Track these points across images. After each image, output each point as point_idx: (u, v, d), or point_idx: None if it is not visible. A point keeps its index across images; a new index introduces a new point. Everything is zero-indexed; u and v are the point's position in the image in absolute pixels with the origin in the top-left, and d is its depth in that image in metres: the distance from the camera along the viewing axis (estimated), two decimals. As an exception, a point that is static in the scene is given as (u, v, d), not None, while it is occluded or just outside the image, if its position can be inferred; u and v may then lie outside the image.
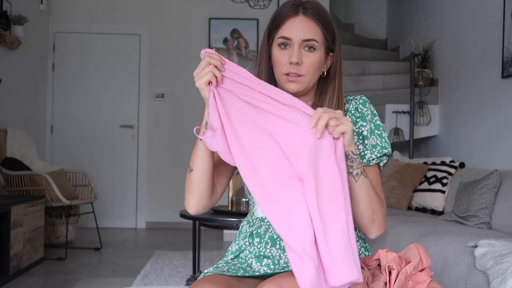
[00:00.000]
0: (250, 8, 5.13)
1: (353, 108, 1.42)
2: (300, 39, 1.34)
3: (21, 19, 4.76)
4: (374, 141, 1.40)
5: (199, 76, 1.24)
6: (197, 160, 1.32)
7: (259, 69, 1.44)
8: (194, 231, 3.59)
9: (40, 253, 4.10)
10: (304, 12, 1.35)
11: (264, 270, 1.36)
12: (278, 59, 1.36)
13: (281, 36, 1.35)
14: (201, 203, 1.37)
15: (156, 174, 6.03)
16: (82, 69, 6.03)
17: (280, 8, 1.38)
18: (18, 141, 4.59)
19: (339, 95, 1.40)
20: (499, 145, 3.84)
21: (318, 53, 1.35)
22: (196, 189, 1.35)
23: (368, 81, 5.65)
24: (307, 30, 1.34)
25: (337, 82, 1.40)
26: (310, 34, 1.34)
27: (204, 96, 1.26)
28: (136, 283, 3.53)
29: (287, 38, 1.34)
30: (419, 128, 4.93)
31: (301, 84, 1.36)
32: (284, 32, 1.35)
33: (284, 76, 1.36)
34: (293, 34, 1.34)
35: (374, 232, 1.32)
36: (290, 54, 1.34)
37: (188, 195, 1.37)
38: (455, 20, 4.67)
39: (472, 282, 2.32)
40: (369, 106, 1.42)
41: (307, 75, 1.35)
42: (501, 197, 3.20)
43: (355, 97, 1.44)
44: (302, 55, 1.34)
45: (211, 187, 1.36)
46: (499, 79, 3.84)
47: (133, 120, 6.06)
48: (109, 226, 5.92)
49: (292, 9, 1.36)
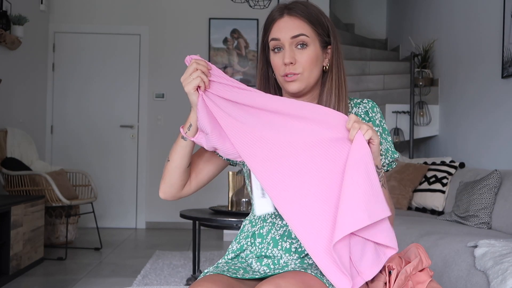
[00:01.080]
0: (250, 8, 5.14)
1: (363, 112, 1.42)
2: (288, 37, 1.36)
3: (21, 19, 4.76)
4: (385, 146, 1.41)
5: (187, 81, 1.29)
6: (175, 155, 1.39)
7: (257, 76, 1.49)
8: (194, 231, 3.58)
9: (40, 253, 4.10)
10: (289, 13, 1.38)
11: (263, 270, 1.36)
12: (274, 63, 1.40)
13: (272, 38, 1.39)
14: (171, 191, 1.44)
15: (156, 174, 6.03)
16: (82, 69, 6.03)
17: (268, 15, 1.43)
18: (18, 141, 4.59)
19: (338, 86, 1.40)
20: (499, 145, 3.84)
21: (312, 47, 1.37)
22: (167, 178, 1.42)
23: (368, 81, 5.65)
24: (293, 27, 1.36)
25: (334, 74, 1.40)
26: (297, 30, 1.36)
27: (192, 101, 1.31)
28: (136, 283, 3.53)
29: (276, 39, 1.38)
30: (419, 128, 4.93)
31: (300, 82, 1.37)
32: (273, 34, 1.39)
33: (283, 78, 1.38)
34: (280, 34, 1.37)
35: None
36: (283, 55, 1.37)
37: (161, 181, 1.45)
38: (455, 20, 4.67)
39: (472, 282, 2.32)
40: (378, 110, 1.44)
41: (305, 71, 1.36)
42: (501, 197, 3.20)
43: (363, 100, 1.44)
44: (295, 54, 1.36)
45: (182, 181, 1.43)
46: (499, 79, 3.84)
47: (133, 120, 6.07)
48: (109, 226, 5.92)
49: (277, 13, 1.40)
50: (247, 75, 6.06)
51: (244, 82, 6.03)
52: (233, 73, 6.06)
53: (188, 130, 1.35)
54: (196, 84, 1.28)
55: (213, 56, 6.07)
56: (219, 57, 6.07)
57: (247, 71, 6.06)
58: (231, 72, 6.06)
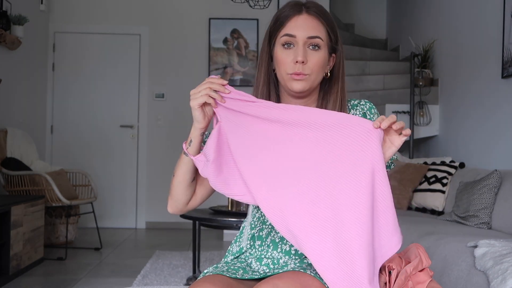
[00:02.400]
0: (250, 8, 5.14)
1: (360, 114, 1.42)
2: (305, 36, 1.33)
3: (21, 19, 4.76)
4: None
5: (194, 96, 1.27)
6: (179, 170, 1.38)
7: (258, 71, 1.43)
8: (194, 231, 3.59)
9: (40, 253, 4.09)
10: (308, 11, 1.35)
11: (263, 269, 1.36)
12: (281, 59, 1.35)
13: (286, 34, 1.34)
14: (177, 206, 1.43)
15: (156, 174, 6.03)
16: (82, 69, 6.03)
17: (282, 9, 1.38)
18: (18, 141, 4.59)
19: (342, 97, 1.39)
20: (499, 145, 3.84)
21: (323, 52, 1.35)
22: (173, 193, 1.41)
23: (368, 81, 5.65)
24: (311, 27, 1.34)
25: (340, 83, 1.40)
26: (314, 31, 1.33)
27: (194, 116, 1.30)
28: (136, 283, 3.53)
29: (291, 35, 1.34)
30: (419, 128, 4.93)
31: (306, 83, 1.35)
32: (288, 30, 1.34)
33: (289, 75, 1.34)
34: (297, 31, 1.33)
35: None
36: (295, 53, 1.33)
37: (169, 196, 1.44)
38: (455, 20, 4.67)
39: (472, 282, 2.32)
40: (375, 111, 1.43)
41: (312, 74, 1.35)
42: (501, 197, 3.20)
43: (360, 102, 1.44)
44: (307, 54, 1.33)
45: (187, 196, 1.41)
46: (499, 79, 3.84)
47: (133, 120, 6.06)
48: (109, 226, 5.92)
49: (294, 8, 1.36)
50: (247, 75, 6.05)
51: (244, 82, 6.03)
52: (233, 73, 6.06)
53: (189, 146, 1.34)
54: (202, 101, 1.26)
55: (213, 56, 6.06)
56: (219, 57, 6.07)
57: (247, 71, 6.06)
58: (231, 72, 6.06)
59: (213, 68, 6.04)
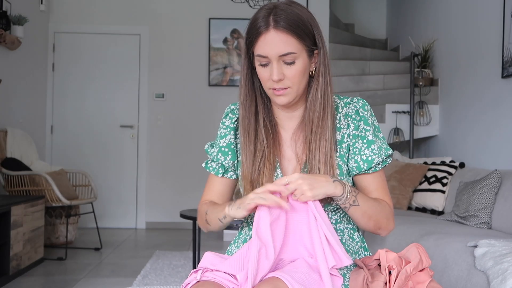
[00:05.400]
0: (250, 8, 5.13)
1: (353, 112, 1.41)
2: (276, 55, 1.30)
3: (21, 19, 4.76)
4: (378, 144, 1.40)
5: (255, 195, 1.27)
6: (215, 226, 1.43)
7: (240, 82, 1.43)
8: (194, 231, 3.59)
9: (40, 253, 4.10)
10: (275, 26, 1.29)
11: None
12: (261, 75, 1.35)
13: (258, 54, 1.33)
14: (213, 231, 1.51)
15: (156, 174, 6.03)
16: (82, 69, 6.03)
17: (253, 21, 1.33)
18: (18, 141, 4.59)
19: (324, 94, 1.37)
20: (499, 145, 3.84)
21: (300, 61, 1.32)
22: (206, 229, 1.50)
23: (368, 81, 5.65)
24: (281, 44, 1.29)
25: (320, 81, 1.37)
26: (285, 48, 1.29)
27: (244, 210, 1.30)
28: (136, 283, 3.53)
29: (263, 56, 1.32)
30: (419, 128, 4.93)
31: (289, 95, 1.35)
32: (259, 50, 1.32)
33: (271, 91, 1.36)
34: (268, 51, 1.30)
35: (383, 233, 1.41)
36: (271, 72, 1.32)
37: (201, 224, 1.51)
38: (455, 20, 4.67)
39: (472, 282, 2.32)
40: (368, 108, 1.42)
41: (294, 85, 1.34)
42: (501, 197, 3.20)
43: (353, 99, 1.42)
44: (283, 69, 1.32)
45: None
46: (499, 79, 3.84)
47: (133, 120, 6.06)
48: (109, 226, 5.92)
49: (262, 24, 1.30)
50: (247, 75, 6.05)
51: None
52: (233, 73, 6.06)
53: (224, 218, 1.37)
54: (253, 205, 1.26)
55: (213, 56, 6.07)
56: (219, 57, 6.07)
57: (247, 71, 6.05)
58: (231, 72, 6.06)
59: (213, 68, 6.04)
